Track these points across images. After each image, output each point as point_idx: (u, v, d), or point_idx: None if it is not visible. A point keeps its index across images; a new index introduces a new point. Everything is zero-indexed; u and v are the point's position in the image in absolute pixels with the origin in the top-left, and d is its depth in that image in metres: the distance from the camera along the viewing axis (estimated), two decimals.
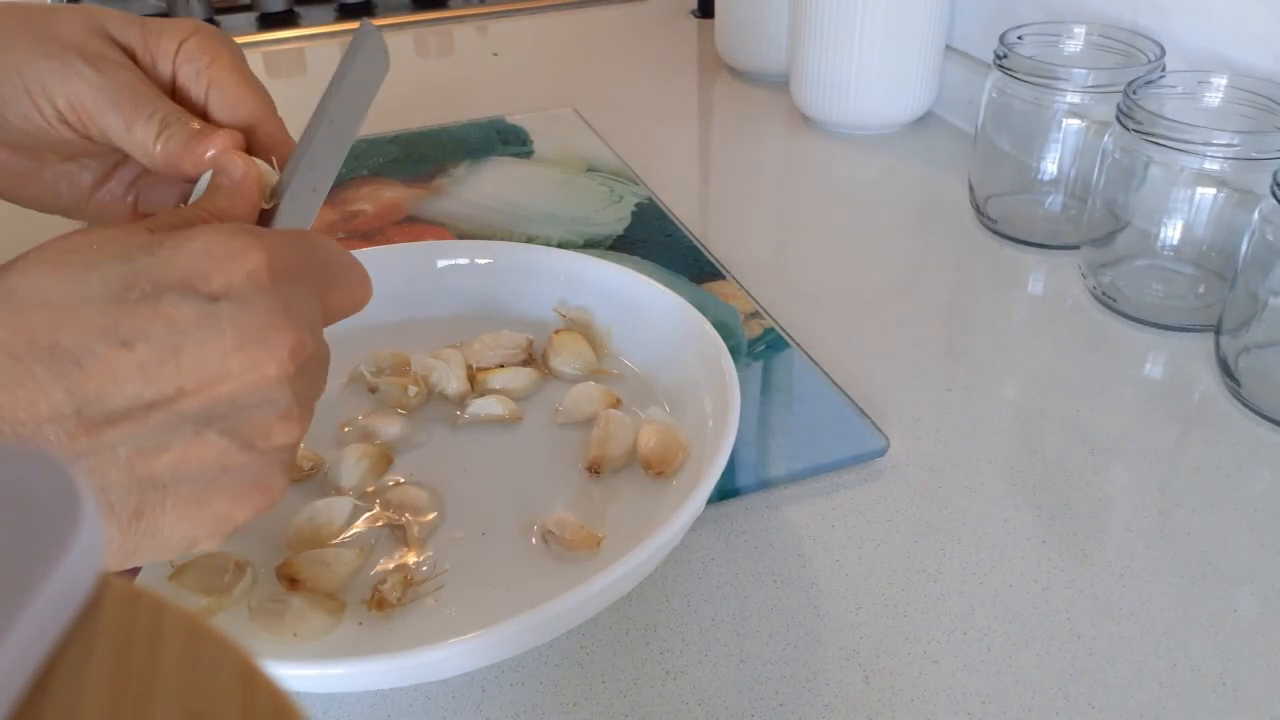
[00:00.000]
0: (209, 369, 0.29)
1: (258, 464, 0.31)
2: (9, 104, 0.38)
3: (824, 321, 0.60)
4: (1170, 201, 0.57)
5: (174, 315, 0.28)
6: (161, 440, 0.28)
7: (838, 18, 0.78)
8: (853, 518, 0.47)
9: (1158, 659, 0.40)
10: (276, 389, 0.30)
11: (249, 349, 0.29)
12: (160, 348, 0.28)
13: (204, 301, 0.29)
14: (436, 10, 1.16)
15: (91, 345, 0.27)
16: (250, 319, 0.29)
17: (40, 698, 0.13)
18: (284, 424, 0.31)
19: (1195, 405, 0.54)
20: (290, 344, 0.30)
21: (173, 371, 0.28)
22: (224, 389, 0.29)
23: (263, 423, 0.31)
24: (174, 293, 0.29)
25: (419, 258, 0.58)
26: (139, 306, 0.28)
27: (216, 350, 0.29)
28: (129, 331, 0.28)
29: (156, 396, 0.28)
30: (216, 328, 0.29)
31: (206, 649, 0.14)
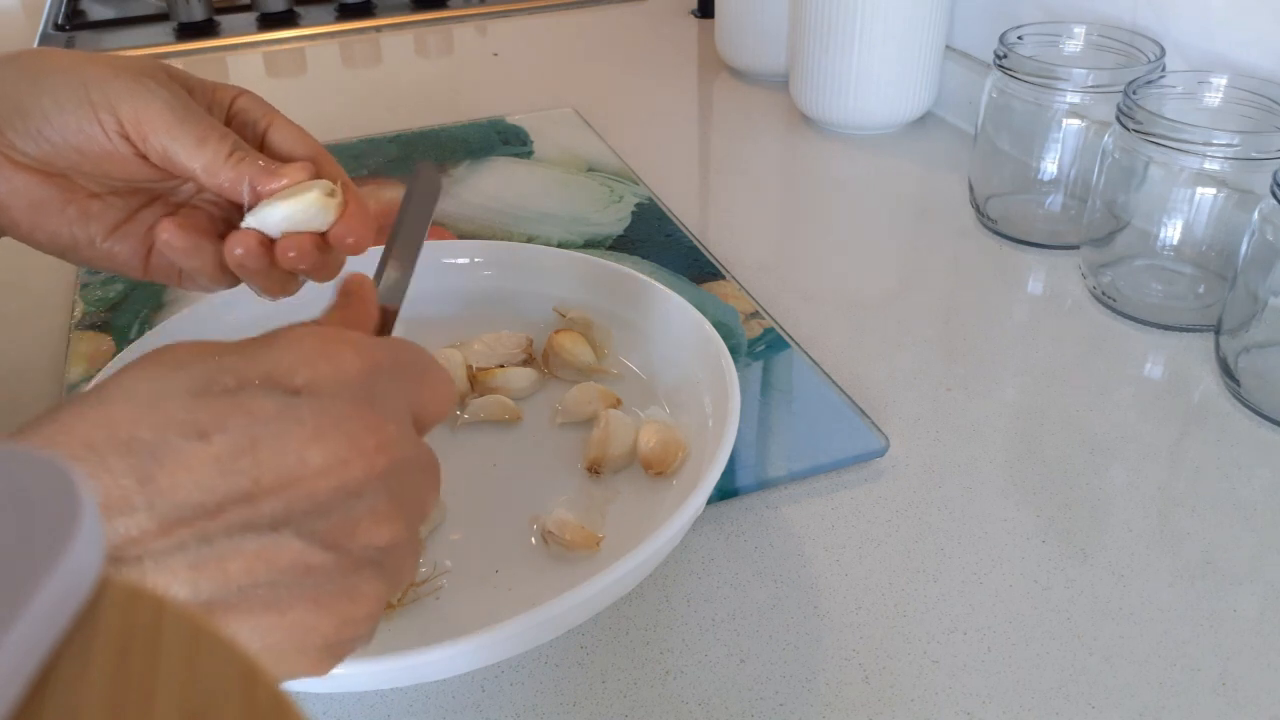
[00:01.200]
0: (288, 462, 0.27)
1: (343, 566, 0.28)
2: (67, 115, 0.38)
3: (824, 321, 0.60)
4: (1170, 201, 0.57)
5: (253, 407, 0.27)
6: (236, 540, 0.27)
7: (838, 18, 0.78)
8: (853, 518, 0.47)
9: (1158, 659, 0.40)
10: (363, 484, 0.28)
11: (330, 440, 0.28)
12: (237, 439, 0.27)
13: (286, 394, 0.28)
14: (436, 10, 1.16)
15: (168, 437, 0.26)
16: (332, 410, 0.28)
17: (40, 698, 0.13)
18: (373, 522, 0.28)
19: (1195, 405, 0.54)
20: (378, 438, 0.28)
21: (249, 464, 0.27)
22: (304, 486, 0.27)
23: (347, 520, 0.28)
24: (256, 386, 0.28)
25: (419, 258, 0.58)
26: (220, 400, 0.27)
27: (294, 441, 0.27)
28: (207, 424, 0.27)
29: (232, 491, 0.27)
30: (296, 418, 0.27)
31: (206, 649, 0.14)
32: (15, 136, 0.38)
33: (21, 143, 0.38)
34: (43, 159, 0.39)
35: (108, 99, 0.38)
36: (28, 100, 0.38)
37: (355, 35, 1.11)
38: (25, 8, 1.28)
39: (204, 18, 1.13)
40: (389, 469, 0.29)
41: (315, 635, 0.28)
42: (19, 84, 0.39)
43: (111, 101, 0.38)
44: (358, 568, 0.28)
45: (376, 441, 0.28)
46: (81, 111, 0.38)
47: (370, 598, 0.29)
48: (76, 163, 0.39)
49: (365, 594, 0.29)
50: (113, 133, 0.38)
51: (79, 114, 0.38)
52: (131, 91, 0.38)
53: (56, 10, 1.21)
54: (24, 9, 1.28)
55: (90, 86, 0.38)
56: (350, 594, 0.28)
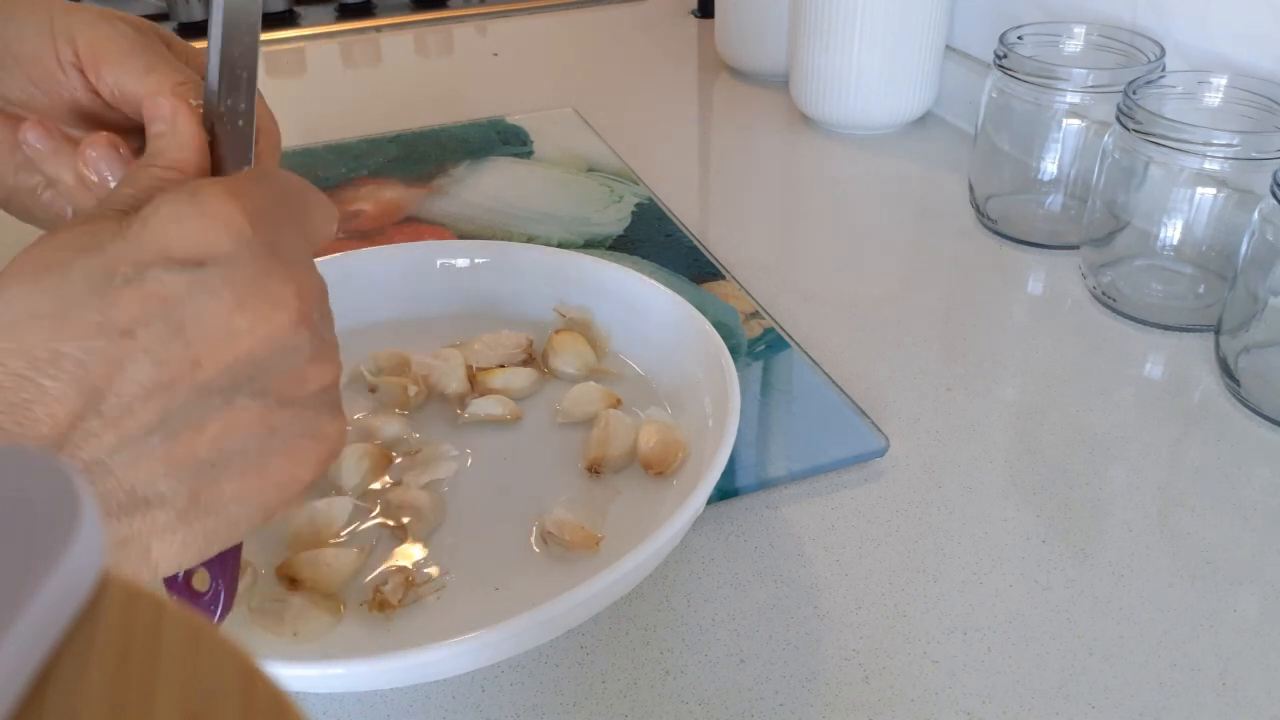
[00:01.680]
0: (217, 334, 0.28)
1: (304, 415, 0.30)
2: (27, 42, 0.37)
3: (824, 321, 0.60)
4: (1170, 201, 0.57)
5: (163, 292, 0.27)
6: (192, 419, 0.27)
7: (838, 18, 0.78)
8: (853, 518, 0.47)
9: (1158, 659, 0.40)
10: (294, 335, 0.29)
11: (251, 303, 0.28)
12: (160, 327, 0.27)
13: (190, 269, 0.28)
14: (436, 10, 1.16)
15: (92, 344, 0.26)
16: (243, 273, 0.28)
17: (40, 698, 0.13)
18: (316, 366, 0.30)
19: (1195, 405, 0.54)
20: (292, 286, 0.29)
21: (180, 347, 0.27)
22: (239, 350, 0.28)
23: (293, 373, 0.29)
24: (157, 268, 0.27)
25: (419, 258, 0.58)
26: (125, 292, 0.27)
27: (218, 313, 0.28)
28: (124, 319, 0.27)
29: (172, 376, 0.27)
30: (211, 291, 0.28)
31: (206, 649, 0.14)
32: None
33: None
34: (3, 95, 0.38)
35: (69, 28, 0.37)
36: None
37: (355, 35, 1.11)
38: None
39: (204, 18, 1.13)
40: (311, 311, 0.30)
41: (296, 481, 0.30)
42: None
43: (72, 31, 0.37)
44: (317, 412, 0.30)
45: (294, 289, 0.29)
46: (41, 39, 0.37)
47: (334, 434, 0.31)
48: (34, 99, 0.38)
49: (329, 432, 0.30)
50: (68, 64, 0.37)
51: (38, 41, 0.37)
52: (93, 23, 0.37)
53: None
54: None
55: (55, 15, 0.37)
56: (317, 436, 0.30)
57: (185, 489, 0.28)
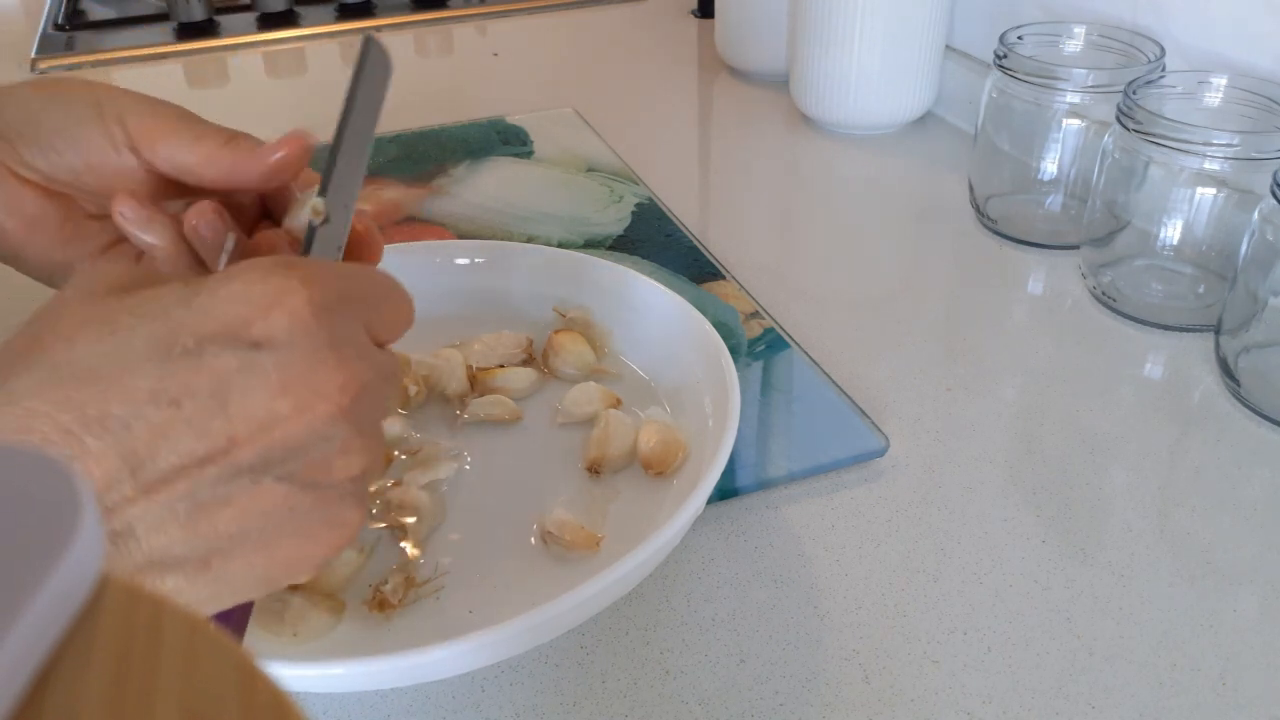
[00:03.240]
0: (258, 416, 0.28)
1: (326, 500, 0.30)
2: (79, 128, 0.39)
3: (824, 321, 0.60)
4: (1170, 201, 0.57)
5: (217, 367, 0.28)
6: (220, 494, 0.28)
7: (838, 18, 0.78)
8: (853, 518, 0.47)
9: (1158, 659, 0.40)
10: (330, 426, 0.30)
11: (295, 390, 0.29)
12: (207, 402, 0.28)
13: (246, 349, 0.28)
14: (436, 10, 1.16)
15: (140, 409, 0.27)
16: (294, 360, 0.29)
17: (40, 698, 0.13)
18: (345, 457, 0.30)
19: (1195, 405, 0.54)
20: (339, 380, 0.30)
21: (222, 424, 0.28)
22: (276, 434, 0.29)
23: (323, 459, 0.30)
24: (215, 344, 0.28)
25: (419, 258, 0.58)
26: (182, 363, 0.28)
27: (263, 396, 0.28)
28: (175, 390, 0.27)
29: (209, 450, 0.28)
30: (261, 373, 0.28)
31: (206, 649, 0.14)
32: (25, 149, 0.39)
33: (31, 156, 0.39)
34: (50, 175, 0.40)
35: (117, 110, 0.39)
36: (42, 114, 0.39)
37: (355, 35, 1.11)
38: (25, 8, 1.28)
39: (204, 18, 1.13)
40: (353, 404, 0.30)
41: (305, 560, 0.31)
42: (34, 100, 0.40)
43: (121, 113, 0.39)
44: (339, 500, 0.31)
45: (339, 383, 0.30)
46: (93, 124, 0.39)
47: (352, 522, 0.31)
48: (83, 179, 0.40)
49: (347, 520, 0.31)
50: (121, 145, 0.39)
51: (91, 126, 0.39)
52: (139, 104, 0.39)
53: (56, 10, 1.20)
54: (24, 9, 1.28)
55: (103, 101, 0.39)
56: (334, 523, 0.31)
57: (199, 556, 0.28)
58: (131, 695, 0.13)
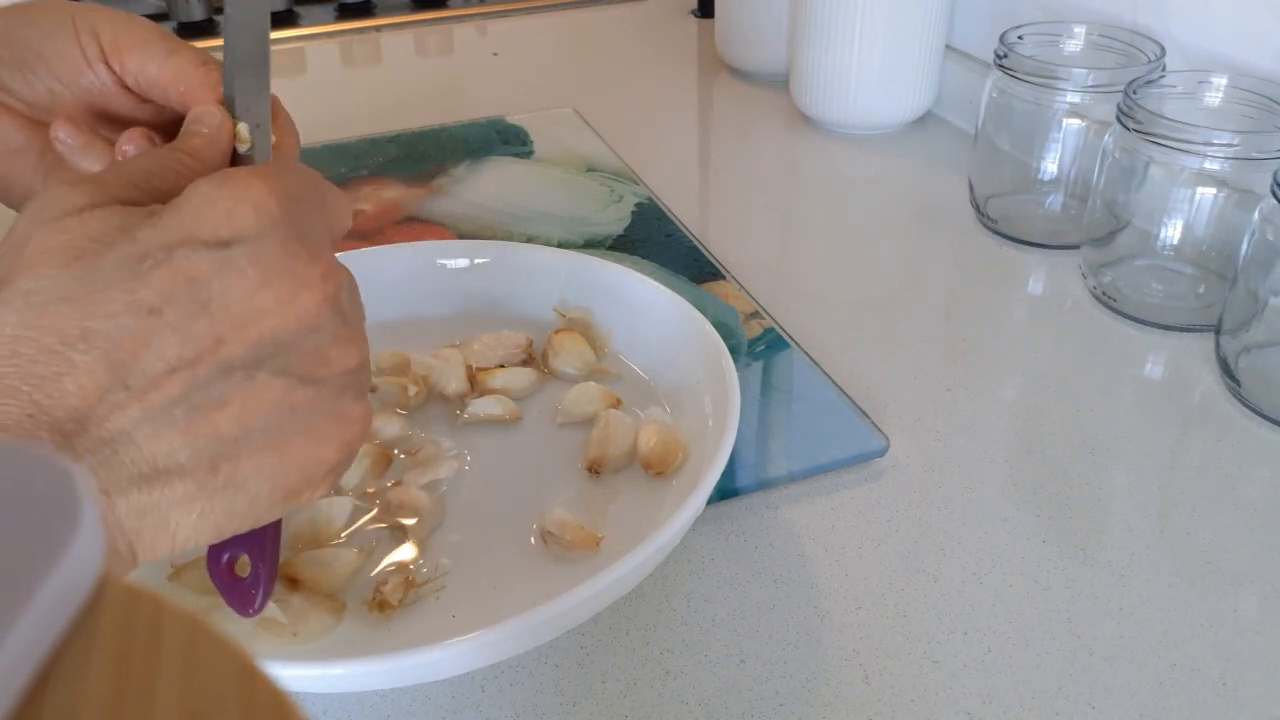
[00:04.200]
0: (241, 311, 0.28)
1: (326, 395, 0.30)
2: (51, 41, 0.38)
3: (824, 321, 0.60)
4: (1170, 201, 0.57)
5: (190, 270, 0.28)
6: (215, 394, 0.28)
7: (838, 18, 0.78)
8: (853, 518, 0.47)
9: (1158, 659, 0.40)
10: (318, 314, 0.30)
11: (276, 282, 0.29)
12: (187, 305, 0.28)
13: (218, 249, 0.28)
14: (436, 10, 1.16)
15: (120, 321, 0.27)
16: (269, 252, 0.29)
17: (40, 698, 0.13)
18: (339, 347, 0.30)
19: (1195, 405, 0.54)
20: (319, 268, 0.30)
21: (206, 324, 0.28)
22: (264, 327, 0.29)
23: (316, 352, 0.30)
24: (185, 248, 0.28)
25: (419, 258, 0.58)
26: (156, 273, 0.28)
27: (243, 291, 0.28)
28: (152, 298, 0.28)
29: (197, 351, 0.28)
30: (237, 270, 0.28)
31: (206, 649, 0.14)
32: (3, 71, 0.38)
33: (8, 77, 0.38)
34: (28, 100, 0.39)
35: (90, 23, 0.38)
36: (14, 33, 0.38)
37: (355, 35, 1.11)
38: None
39: (204, 17, 1.13)
40: (336, 293, 0.30)
41: (319, 464, 0.30)
42: (10, 18, 0.39)
43: (94, 26, 0.38)
44: (339, 393, 0.30)
45: (319, 270, 0.30)
46: (66, 37, 0.38)
47: (358, 417, 0.31)
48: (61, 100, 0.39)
49: (352, 415, 0.31)
50: (94, 58, 0.38)
51: (63, 39, 0.38)
52: (112, 17, 0.39)
53: None
54: None
55: (76, 14, 0.38)
56: (340, 418, 0.30)
57: (205, 461, 0.28)
58: (131, 695, 0.13)
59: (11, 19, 0.39)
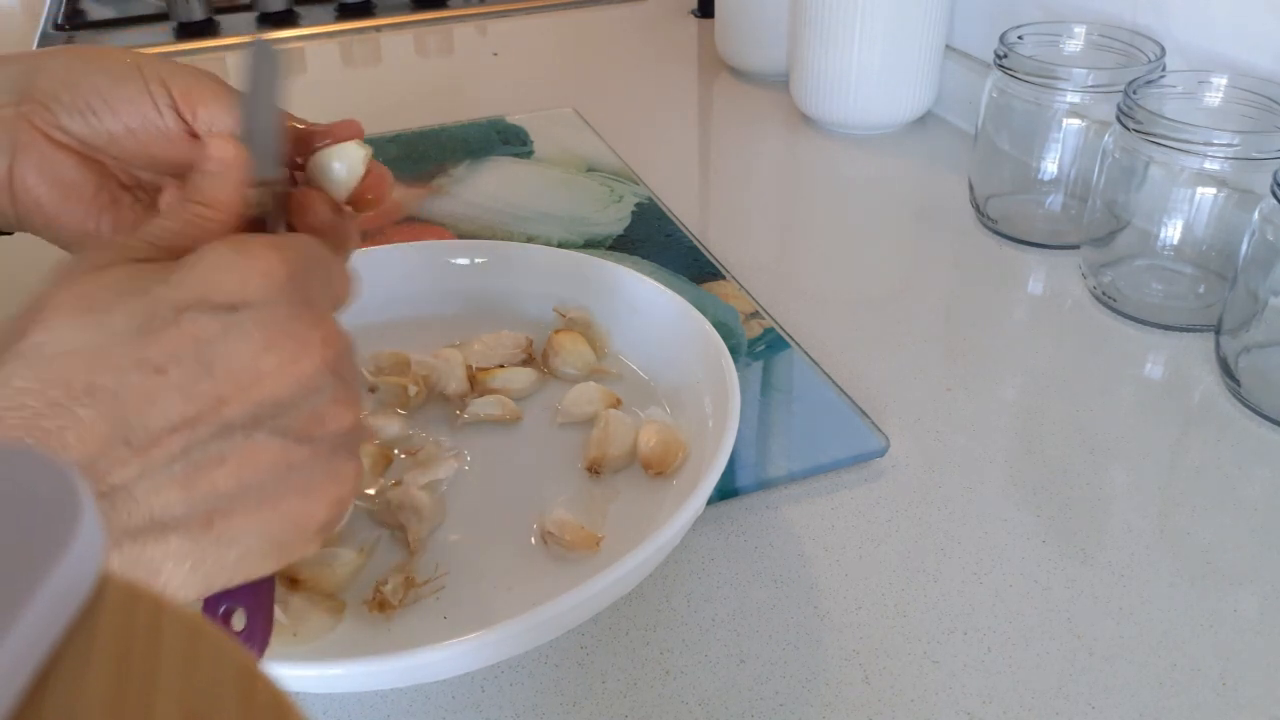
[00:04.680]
0: (243, 373, 0.29)
1: (321, 454, 0.31)
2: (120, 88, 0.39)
3: (824, 321, 0.60)
4: (1170, 201, 0.57)
5: (198, 332, 0.29)
6: (214, 451, 0.29)
7: (838, 17, 0.78)
8: (853, 518, 0.47)
9: (1158, 659, 0.40)
10: (318, 378, 0.30)
11: (279, 346, 0.29)
12: (191, 365, 0.28)
13: (225, 312, 0.29)
14: (436, 10, 1.16)
15: (125, 378, 0.28)
16: (274, 317, 0.30)
17: (40, 698, 0.13)
18: (336, 409, 0.31)
19: (1195, 405, 0.54)
20: (321, 333, 0.30)
21: (209, 384, 0.28)
22: (265, 389, 0.29)
23: (313, 413, 0.30)
24: (194, 310, 0.29)
25: (419, 258, 0.58)
26: (163, 332, 0.28)
27: (246, 354, 0.29)
28: (158, 357, 0.28)
29: (199, 411, 0.28)
30: (243, 333, 0.29)
31: (206, 649, 0.14)
32: (62, 111, 0.39)
33: (68, 119, 0.39)
34: (86, 140, 0.39)
35: (159, 75, 0.39)
36: (81, 77, 0.39)
37: (355, 35, 1.11)
38: (25, 7, 1.28)
39: (204, 17, 1.13)
40: (336, 358, 0.31)
41: (310, 519, 0.31)
42: (71, 63, 0.39)
43: (164, 77, 0.39)
44: (333, 453, 0.31)
45: (321, 336, 0.31)
46: (135, 84, 0.39)
47: (350, 476, 0.32)
48: (120, 143, 0.40)
49: (346, 474, 0.32)
50: (164, 106, 0.39)
51: (132, 86, 0.39)
52: (183, 70, 0.40)
53: (56, 10, 1.20)
54: (23, 8, 1.28)
55: (143, 65, 0.39)
56: (333, 477, 0.31)
57: (200, 516, 0.29)
58: (131, 696, 0.13)
59: (71, 63, 0.39)
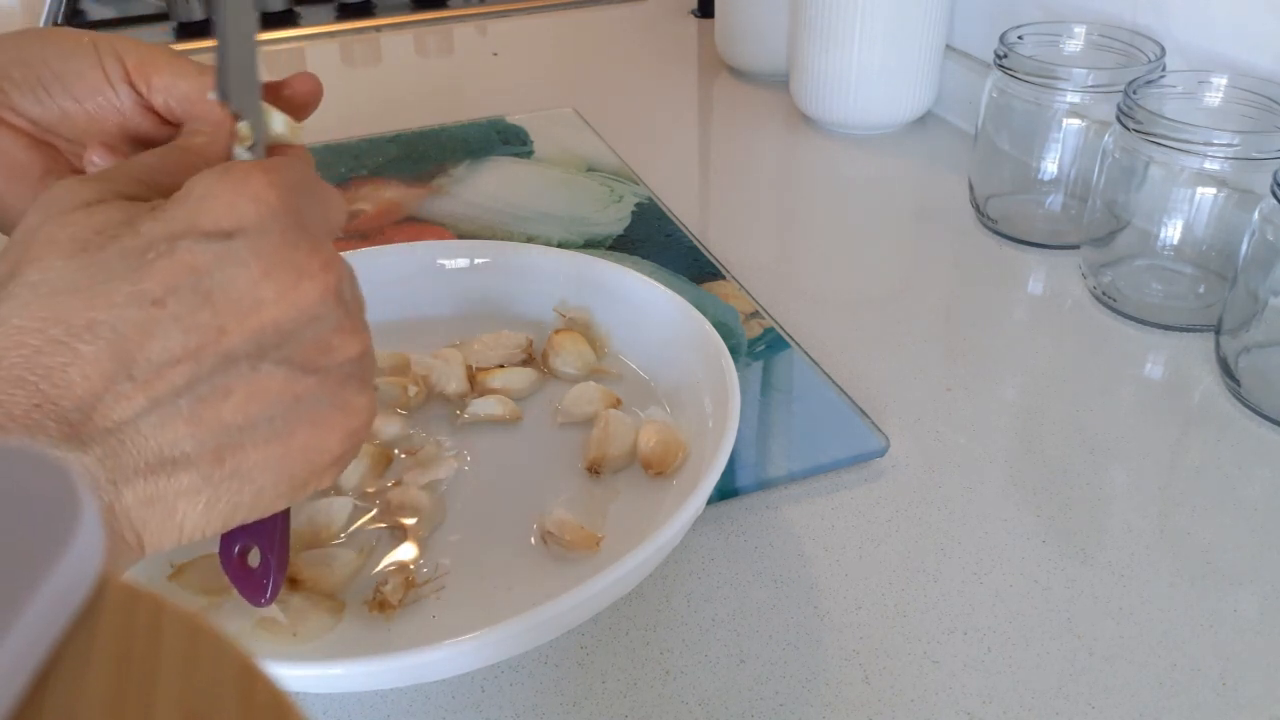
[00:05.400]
0: (243, 302, 0.29)
1: (329, 384, 0.30)
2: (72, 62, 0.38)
3: (824, 321, 0.60)
4: (1170, 201, 0.57)
5: (193, 261, 0.28)
6: (219, 384, 0.28)
7: (838, 17, 0.77)
8: (853, 518, 0.47)
9: (1158, 659, 0.40)
10: (320, 304, 0.30)
11: (278, 272, 0.29)
12: (190, 295, 0.28)
13: (220, 240, 0.29)
14: (436, 10, 1.16)
15: (124, 312, 0.27)
16: (270, 243, 0.29)
17: (40, 698, 0.13)
18: (341, 337, 0.30)
19: (1195, 405, 0.54)
20: (320, 258, 0.30)
21: (208, 314, 0.28)
22: (265, 317, 0.29)
23: (318, 341, 0.30)
24: (187, 239, 0.28)
25: (419, 258, 0.58)
26: (159, 264, 0.28)
27: (244, 282, 0.29)
28: (155, 289, 0.28)
29: (200, 342, 0.28)
30: (239, 261, 0.29)
31: (206, 649, 0.14)
32: (14, 91, 0.38)
33: (20, 98, 0.38)
34: (39, 120, 0.39)
35: (112, 47, 0.39)
36: (32, 55, 0.38)
37: (355, 35, 1.11)
38: (25, 7, 1.28)
39: (203, 17, 1.13)
40: (338, 283, 0.30)
41: (324, 453, 0.30)
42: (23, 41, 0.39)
43: (116, 49, 0.39)
44: (343, 383, 0.31)
45: (320, 261, 0.30)
46: (88, 59, 0.38)
47: (362, 407, 0.31)
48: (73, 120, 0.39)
49: (357, 405, 0.31)
50: (118, 79, 0.39)
51: (85, 61, 0.38)
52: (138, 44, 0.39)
53: (56, 10, 1.20)
54: (23, 8, 1.28)
55: (97, 40, 0.39)
56: (344, 408, 0.31)
57: (210, 451, 0.28)
58: (131, 695, 0.13)
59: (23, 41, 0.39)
